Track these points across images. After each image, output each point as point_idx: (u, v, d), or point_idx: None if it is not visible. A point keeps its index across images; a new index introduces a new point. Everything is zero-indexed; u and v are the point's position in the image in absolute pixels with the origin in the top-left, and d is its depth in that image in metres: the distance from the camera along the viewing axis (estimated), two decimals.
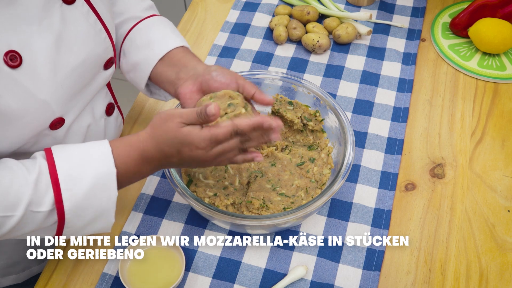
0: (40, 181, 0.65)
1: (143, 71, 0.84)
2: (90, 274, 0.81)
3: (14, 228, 0.65)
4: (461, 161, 0.92)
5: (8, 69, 0.64)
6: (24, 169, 0.66)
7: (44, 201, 0.65)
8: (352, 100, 1.02)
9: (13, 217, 0.64)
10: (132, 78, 0.87)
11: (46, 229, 0.69)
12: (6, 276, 0.95)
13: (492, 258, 0.81)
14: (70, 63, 0.71)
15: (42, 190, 0.65)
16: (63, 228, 0.68)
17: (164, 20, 0.89)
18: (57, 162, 0.66)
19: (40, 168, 0.66)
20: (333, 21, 1.12)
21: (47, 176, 0.65)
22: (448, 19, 1.16)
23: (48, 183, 0.65)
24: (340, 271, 0.80)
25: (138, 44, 0.85)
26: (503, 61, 1.07)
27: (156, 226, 0.85)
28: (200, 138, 0.67)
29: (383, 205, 0.87)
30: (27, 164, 0.66)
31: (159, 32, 0.86)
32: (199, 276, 0.80)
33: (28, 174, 0.65)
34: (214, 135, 0.67)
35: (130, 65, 0.86)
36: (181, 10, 2.26)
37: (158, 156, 0.70)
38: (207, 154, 0.69)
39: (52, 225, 0.68)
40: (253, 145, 0.71)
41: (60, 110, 0.72)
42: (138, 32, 0.86)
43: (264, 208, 0.81)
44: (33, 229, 0.67)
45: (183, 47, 0.85)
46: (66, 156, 0.67)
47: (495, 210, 0.86)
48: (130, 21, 0.87)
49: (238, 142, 0.69)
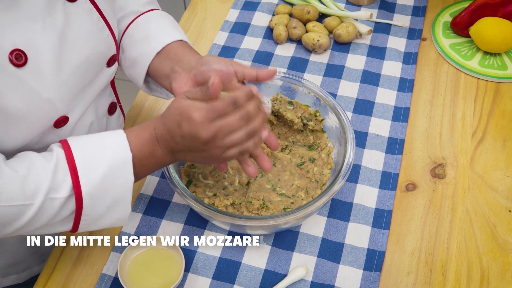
0: (58, 169, 0.65)
1: (141, 67, 0.84)
2: (89, 274, 0.80)
3: (33, 217, 0.65)
4: (462, 161, 0.92)
5: (13, 68, 0.64)
6: (42, 159, 0.66)
7: (62, 187, 0.65)
8: (353, 100, 1.01)
9: (32, 206, 0.64)
10: (131, 74, 0.86)
11: (63, 222, 0.68)
12: (6, 276, 0.95)
13: (493, 259, 0.81)
14: (74, 61, 0.71)
15: (60, 176, 0.65)
16: (80, 218, 0.68)
17: (164, 14, 0.89)
18: (74, 150, 0.67)
19: (57, 157, 0.66)
20: (333, 20, 1.12)
21: (65, 163, 0.66)
22: (449, 18, 1.15)
23: (66, 169, 0.66)
24: (341, 272, 0.79)
25: (136, 39, 0.84)
26: (504, 61, 1.07)
27: (156, 226, 0.85)
28: (198, 108, 0.66)
29: (383, 206, 0.86)
30: (45, 155, 0.67)
31: (157, 26, 0.85)
32: (198, 277, 0.79)
33: (46, 163, 0.66)
34: (212, 105, 0.67)
35: (129, 61, 0.85)
36: (181, 9, 2.26)
37: (164, 133, 0.70)
38: (206, 129, 0.66)
39: (69, 215, 0.68)
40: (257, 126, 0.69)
41: (64, 109, 0.72)
42: (136, 27, 0.85)
43: (264, 208, 0.81)
44: (49, 219, 0.67)
45: (181, 41, 0.84)
46: (82, 144, 0.68)
47: (496, 211, 0.86)
48: (130, 16, 0.87)
49: (240, 119, 0.68)
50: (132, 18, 0.86)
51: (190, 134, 0.67)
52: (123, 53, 0.86)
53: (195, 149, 0.69)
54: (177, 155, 0.72)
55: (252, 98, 0.70)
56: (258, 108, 0.70)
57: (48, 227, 0.68)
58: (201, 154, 0.70)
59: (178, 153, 0.71)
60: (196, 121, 0.66)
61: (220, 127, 0.67)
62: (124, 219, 0.72)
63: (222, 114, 0.67)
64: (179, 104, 0.68)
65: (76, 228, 0.70)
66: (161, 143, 0.70)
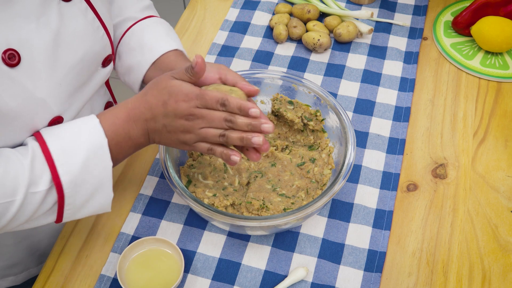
0: (35, 162, 0.65)
1: (136, 75, 0.85)
2: (88, 276, 0.80)
3: (16, 214, 0.65)
4: (464, 161, 0.92)
5: (6, 68, 0.64)
6: (19, 154, 0.66)
7: (42, 180, 0.66)
8: (353, 100, 1.01)
9: (14, 202, 0.64)
10: (127, 81, 0.88)
11: (47, 214, 0.69)
12: (4, 278, 0.94)
13: (495, 260, 0.80)
14: (68, 61, 0.71)
15: (38, 170, 0.65)
16: (63, 208, 0.68)
17: (160, 21, 0.89)
18: (48, 141, 0.67)
19: (33, 150, 0.66)
20: (334, 20, 1.12)
21: (41, 156, 0.66)
22: (450, 17, 1.15)
23: (43, 162, 0.66)
24: (341, 273, 0.79)
25: (132, 48, 0.85)
26: (506, 60, 1.07)
27: (155, 227, 0.84)
28: (189, 90, 0.68)
29: (384, 206, 0.86)
30: (20, 150, 0.67)
31: (153, 35, 0.86)
32: (198, 278, 0.79)
33: (22, 158, 0.65)
34: (202, 93, 0.68)
35: (125, 68, 0.86)
36: (180, 9, 2.25)
37: (145, 112, 0.70)
38: (190, 110, 0.68)
39: (52, 207, 0.68)
40: (234, 138, 0.69)
41: (58, 109, 0.71)
42: (132, 35, 0.86)
43: (264, 209, 0.80)
44: (33, 213, 0.67)
45: (176, 50, 0.85)
46: (56, 134, 0.68)
47: (498, 211, 0.85)
48: (126, 22, 0.87)
49: (223, 119, 0.69)
50: (129, 25, 0.87)
51: (173, 112, 0.69)
52: (119, 60, 0.87)
53: (173, 129, 0.70)
54: (152, 135, 0.72)
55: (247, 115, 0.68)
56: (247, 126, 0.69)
57: (32, 221, 0.69)
58: (176, 136, 0.71)
59: (154, 133, 0.72)
60: (184, 101, 0.68)
61: (205, 115, 0.69)
62: (107, 204, 0.72)
63: (209, 106, 0.68)
64: (168, 83, 0.69)
65: (60, 218, 0.70)
66: (137, 123, 0.71)
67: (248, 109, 0.68)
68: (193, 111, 0.68)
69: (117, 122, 0.70)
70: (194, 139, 0.71)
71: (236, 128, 0.69)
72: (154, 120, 0.70)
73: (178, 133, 0.71)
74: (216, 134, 0.70)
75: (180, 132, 0.70)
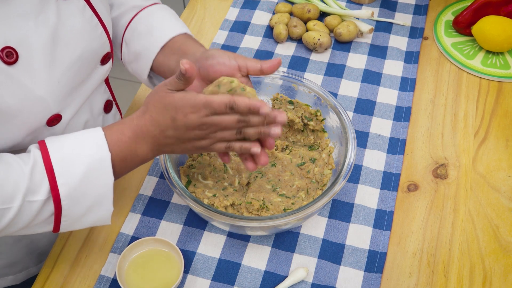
0: (35, 171, 0.65)
1: (145, 61, 0.83)
2: (87, 276, 0.80)
3: (12, 221, 0.65)
4: (464, 161, 0.91)
5: (4, 66, 0.64)
6: (20, 161, 0.65)
7: (40, 190, 0.65)
8: (354, 99, 1.00)
9: (11, 209, 0.64)
10: (134, 68, 0.86)
11: (43, 223, 0.68)
12: (3, 277, 0.94)
13: (495, 260, 0.80)
14: (67, 58, 0.71)
15: (37, 179, 0.65)
16: (60, 219, 0.68)
17: (166, 8, 0.88)
18: (51, 151, 0.66)
19: (34, 158, 0.65)
20: (334, 19, 1.11)
21: (42, 165, 0.65)
22: (451, 17, 1.15)
23: (43, 171, 0.65)
24: (342, 273, 0.79)
25: (140, 33, 0.84)
26: (507, 60, 1.06)
27: (155, 227, 0.84)
28: (195, 101, 0.66)
29: (385, 206, 0.86)
30: (22, 157, 0.66)
31: (161, 20, 0.85)
32: (198, 278, 0.79)
33: (24, 165, 0.65)
34: (209, 101, 0.66)
35: (132, 55, 0.85)
36: (180, 8, 2.25)
37: (152, 129, 0.69)
38: (201, 120, 0.67)
39: (49, 217, 0.67)
40: (252, 133, 0.69)
41: (57, 107, 0.71)
42: (140, 21, 0.85)
43: (264, 209, 0.80)
44: (29, 222, 0.66)
45: (185, 34, 0.84)
46: (59, 144, 0.67)
47: (499, 211, 0.85)
48: (132, 10, 0.86)
49: (236, 122, 0.67)
50: (135, 13, 0.86)
51: (184, 125, 0.67)
52: (127, 47, 0.85)
53: (187, 139, 0.69)
54: (162, 149, 0.71)
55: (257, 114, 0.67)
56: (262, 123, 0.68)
57: (28, 229, 0.68)
58: (191, 144, 0.70)
59: (165, 147, 0.71)
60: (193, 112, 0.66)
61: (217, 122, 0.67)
62: (107, 217, 0.71)
63: (218, 112, 0.67)
64: (171, 98, 0.67)
65: (57, 228, 0.69)
66: (146, 140, 0.70)
67: (258, 109, 0.66)
68: (204, 120, 0.67)
69: (123, 138, 0.69)
70: (210, 143, 0.70)
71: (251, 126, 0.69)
72: (164, 136, 0.69)
73: (194, 142, 0.69)
74: (233, 133, 0.69)
75: (196, 140, 0.69)
